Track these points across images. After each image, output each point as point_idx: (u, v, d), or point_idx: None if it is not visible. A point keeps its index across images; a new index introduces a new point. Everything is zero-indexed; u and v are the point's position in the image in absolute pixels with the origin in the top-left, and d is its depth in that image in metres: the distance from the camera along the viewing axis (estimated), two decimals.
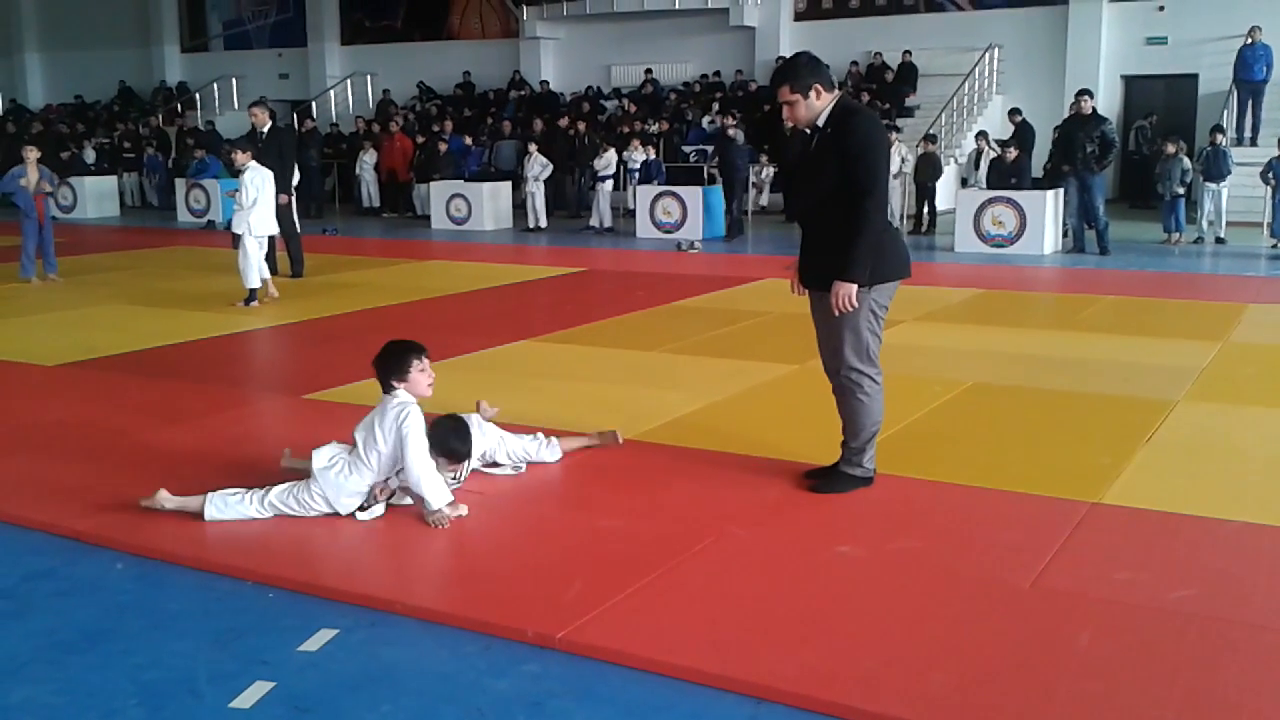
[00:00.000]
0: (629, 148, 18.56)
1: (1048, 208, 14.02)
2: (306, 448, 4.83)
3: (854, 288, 4.60)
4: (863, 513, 4.69)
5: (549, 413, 6.13)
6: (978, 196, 14.53)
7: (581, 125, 20.17)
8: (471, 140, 21.20)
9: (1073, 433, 5.83)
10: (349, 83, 27.10)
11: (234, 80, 28.09)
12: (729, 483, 5.08)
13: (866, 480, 4.93)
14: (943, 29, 21.51)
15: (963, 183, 17.37)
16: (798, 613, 3.73)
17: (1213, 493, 4.89)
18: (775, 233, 17.13)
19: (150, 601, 3.95)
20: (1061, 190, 14.27)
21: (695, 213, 16.23)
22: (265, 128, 11.70)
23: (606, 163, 17.56)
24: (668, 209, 16.48)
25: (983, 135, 17.38)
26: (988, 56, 20.66)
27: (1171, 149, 14.76)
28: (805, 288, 4.91)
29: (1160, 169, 14.89)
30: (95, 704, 3.24)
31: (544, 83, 24.57)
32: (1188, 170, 14.72)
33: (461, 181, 18.59)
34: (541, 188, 17.87)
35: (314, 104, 25.94)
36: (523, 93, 24.49)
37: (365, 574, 4.19)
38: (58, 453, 5.61)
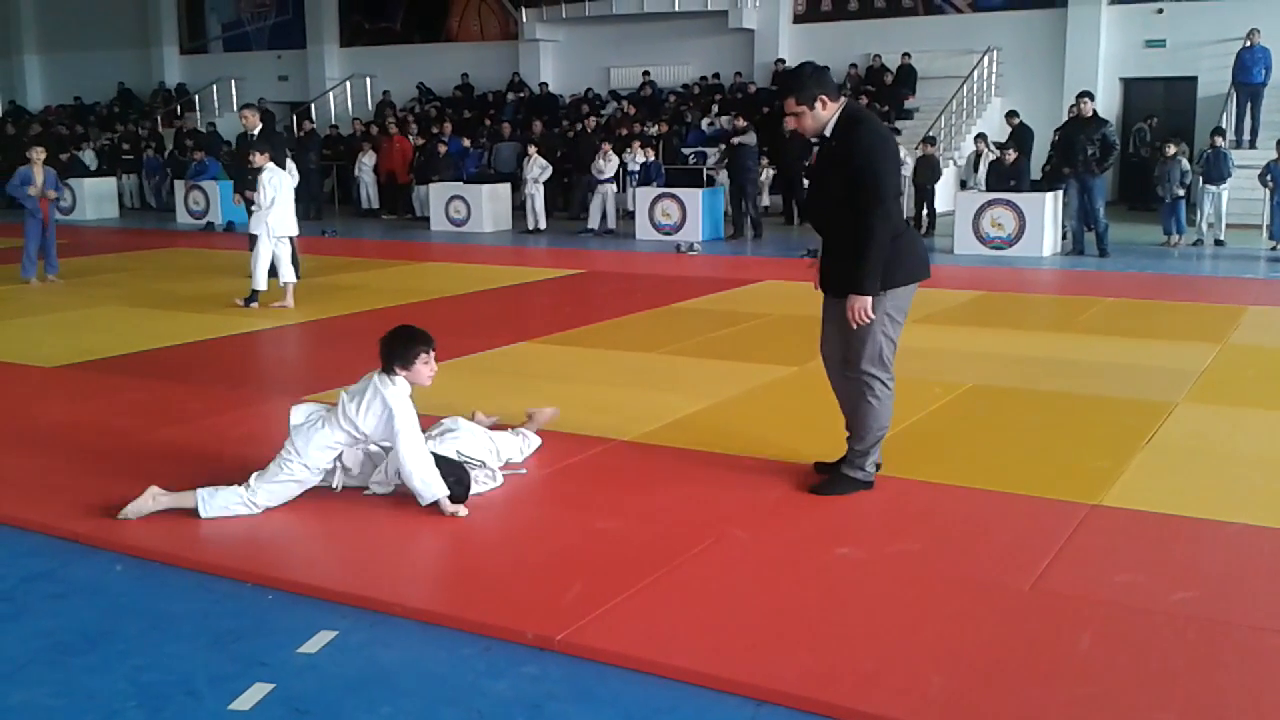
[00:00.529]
0: (629, 150, 18.56)
1: (1047, 210, 14.02)
2: None
3: (868, 301, 4.63)
4: (863, 514, 4.69)
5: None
6: (977, 199, 14.53)
7: (592, 122, 20.09)
8: (470, 142, 21.19)
9: (1072, 435, 5.82)
10: (348, 85, 27.10)
11: (233, 82, 28.08)
12: (729, 484, 5.08)
13: (867, 484, 4.93)
14: (941, 31, 21.51)
15: (962, 185, 17.37)
16: (798, 614, 3.73)
17: (1213, 495, 4.89)
18: (775, 234, 17.13)
19: (149, 603, 3.94)
20: (1060, 192, 14.27)
21: (694, 215, 16.24)
22: (255, 130, 11.68)
23: (607, 165, 17.54)
24: (667, 211, 16.48)
25: (981, 138, 17.38)
26: (986, 59, 20.67)
27: (1172, 150, 14.75)
28: (824, 290, 4.96)
29: (1160, 171, 14.89)
30: (94, 706, 3.24)
31: (543, 85, 24.57)
32: (1188, 172, 14.72)
33: (461, 183, 18.58)
34: (541, 189, 17.87)
35: (313, 106, 25.93)
36: (522, 95, 24.49)
37: (364, 576, 4.18)
38: (57, 454, 5.60)
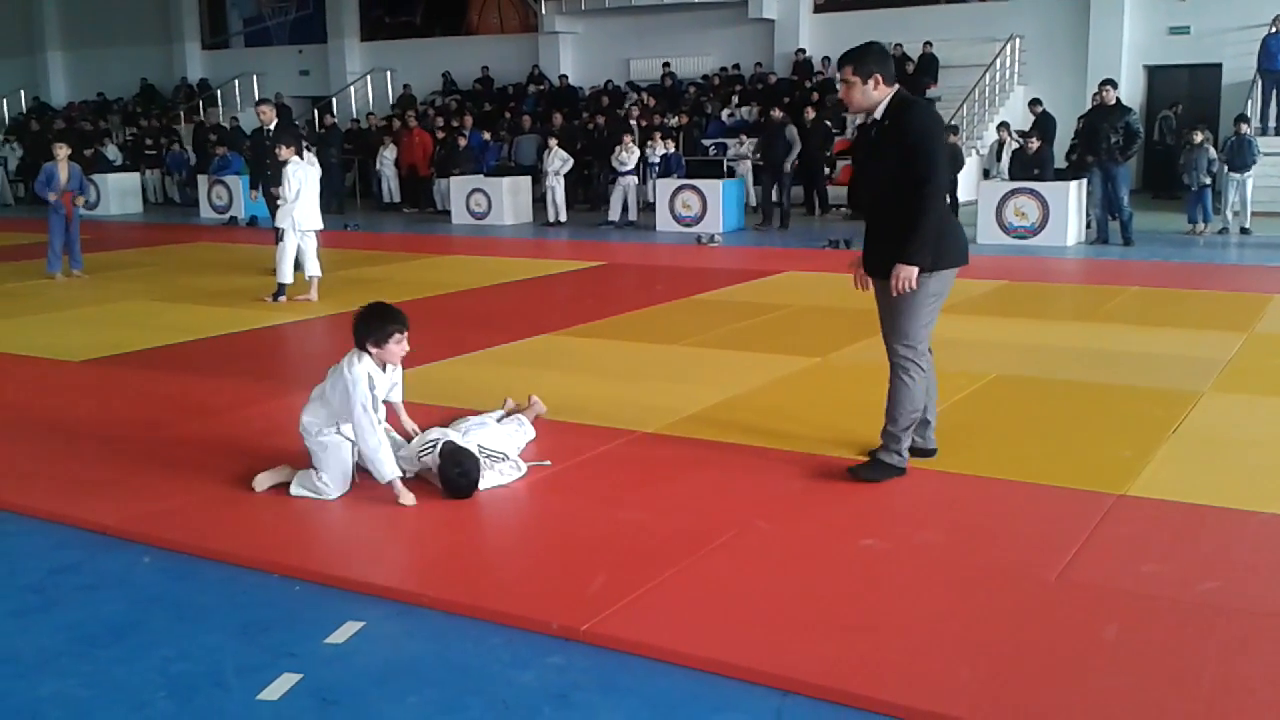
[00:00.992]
0: (649, 142, 18.54)
1: (1071, 199, 13.92)
2: None
3: (914, 271, 4.69)
4: (887, 505, 4.68)
5: (570, 406, 6.13)
6: (1000, 188, 14.45)
7: (635, 110, 19.89)
8: (491, 135, 21.20)
9: (1097, 425, 5.79)
10: (369, 79, 27.16)
11: (255, 77, 28.18)
12: (752, 476, 5.08)
13: (899, 470, 4.96)
14: (964, 20, 21.38)
15: (985, 174, 17.26)
16: (823, 605, 3.73)
17: (1239, 484, 4.85)
18: (797, 225, 17.08)
19: (177, 595, 3.98)
20: (1085, 181, 14.17)
21: (715, 206, 16.21)
22: (272, 125, 11.70)
23: (629, 157, 17.52)
24: (687, 202, 16.45)
25: (1004, 126, 17.27)
26: (1009, 47, 20.53)
27: (1199, 138, 14.62)
28: (869, 275, 5.02)
29: (1186, 159, 14.76)
30: (124, 697, 3.27)
31: (563, 77, 24.56)
32: (1214, 160, 14.59)
33: (481, 176, 18.61)
34: (561, 182, 17.89)
35: (334, 100, 26.01)
36: (542, 87, 24.49)
37: (390, 567, 4.21)
38: (84, 448, 5.65)
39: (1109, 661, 3.32)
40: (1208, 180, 14.58)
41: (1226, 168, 14.69)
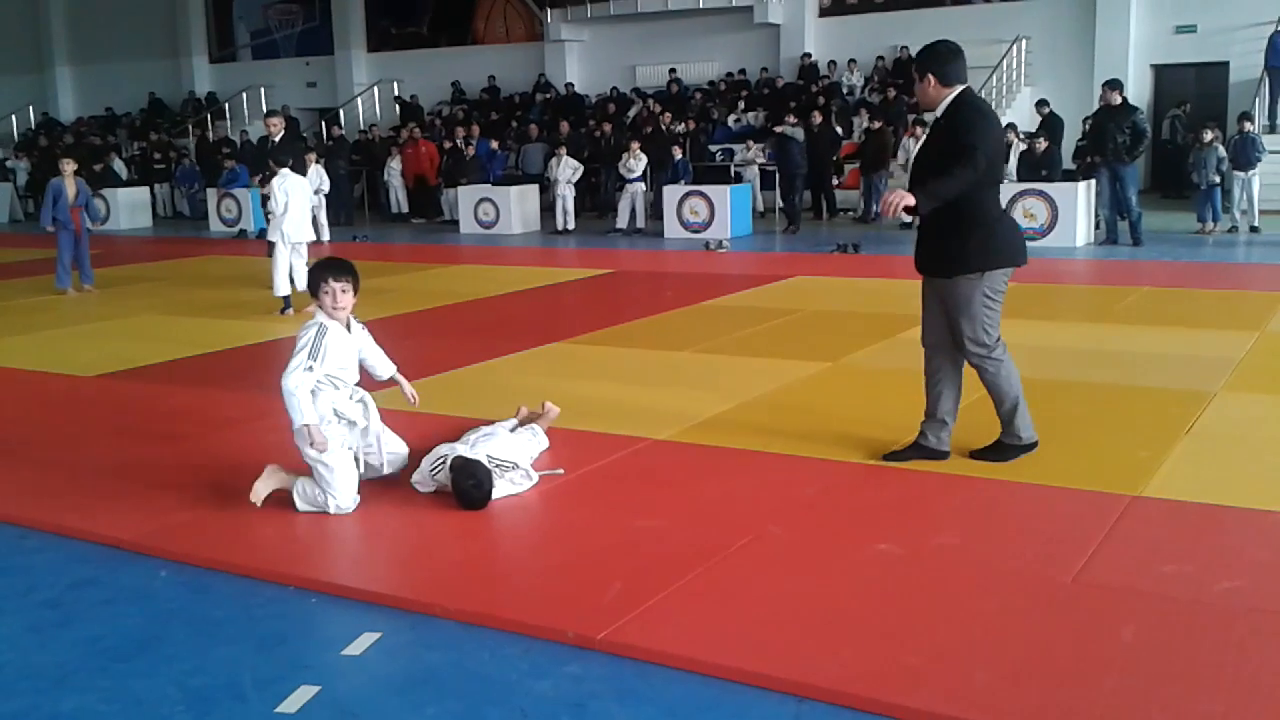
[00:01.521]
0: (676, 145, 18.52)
1: (1080, 199, 13.91)
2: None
3: (906, 201, 4.68)
4: (901, 509, 4.68)
5: (583, 414, 6.13)
6: (1008, 189, 14.41)
7: (667, 118, 19.91)
8: (498, 144, 21.27)
9: (1111, 425, 5.78)
10: (376, 89, 27.24)
11: (262, 90, 28.30)
12: (764, 481, 5.08)
13: (1028, 447, 5.15)
14: (969, 21, 21.34)
15: None
16: (839, 611, 3.72)
17: (1255, 484, 4.83)
18: (806, 229, 17.09)
19: (194, 608, 3.99)
20: (1093, 181, 14.15)
21: (723, 212, 16.22)
22: (278, 137, 11.72)
23: (636, 164, 17.54)
24: (695, 209, 16.47)
25: (1011, 127, 17.23)
26: (1015, 48, 20.51)
27: (1209, 137, 14.58)
28: (919, 272, 5.13)
29: (1195, 158, 14.72)
30: (143, 711, 3.28)
31: (569, 85, 24.62)
32: (1223, 159, 14.55)
33: (489, 185, 18.65)
34: (571, 190, 17.93)
35: (342, 111, 26.09)
36: (548, 96, 24.54)
37: (406, 577, 4.21)
38: (99, 462, 5.67)
39: (1127, 663, 3.31)
40: (1217, 179, 14.55)
41: (1230, 166, 14.64)
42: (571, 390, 6.70)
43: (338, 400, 4.84)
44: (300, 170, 10.70)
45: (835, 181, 18.89)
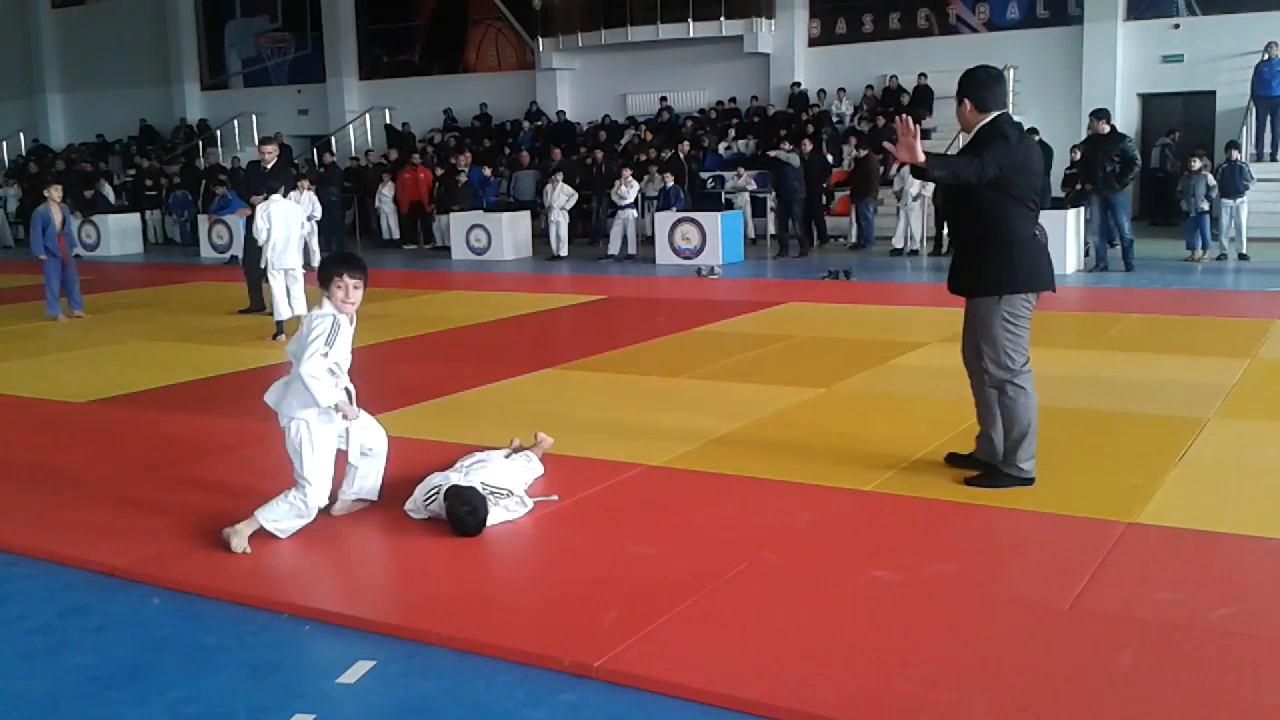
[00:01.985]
0: (646, 175, 18.62)
1: (1069, 227, 13.97)
2: (337, 477, 4.85)
3: (911, 151, 4.64)
4: (896, 536, 4.67)
5: (577, 440, 6.12)
6: None
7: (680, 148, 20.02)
8: (490, 171, 21.32)
9: (1104, 453, 5.79)
10: (368, 117, 27.30)
11: (254, 117, 28.32)
12: (760, 508, 5.07)
13: (1024, 481, 5.14)
14: (957, 51, 21.45)
15: None
16: (836, 638, 3.71)
17: (1249, 510, 4.84)
18: (796, 257, 17.13)
19: (187, 636, 3.96)
20: (1082, 209, 14.23)
21: (714, 238, 16.26)
22: (270, 164, 11.72)
23: (628, 191, 17.60)
24: (687, 235, 16.51)
25: None
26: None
27: (1198, 165, 14.69)
28: (952, 293, 5.27)
29: (1184, 185, 14.83)
30: None
31: (560, 113, 24.71)
32: (1213, 186, 14.65)
33: (481, 212, 18.69)
34: (565, 217, 18.01)
35: (333, 139, 26.14)
36: (539, 123, 24.63)
37: (400, 605, 4.19)
38: (90, 488, 5.64)
39: (1124, 690, 3.31)
40: (1205, 206, 14.64)
41: (1218, 193, 14.75)
42: (565, 416, 6.70)
43: (340, 400, 4.85)
44: (286, 195, 10.66)
45: (826, 208, 18.97)
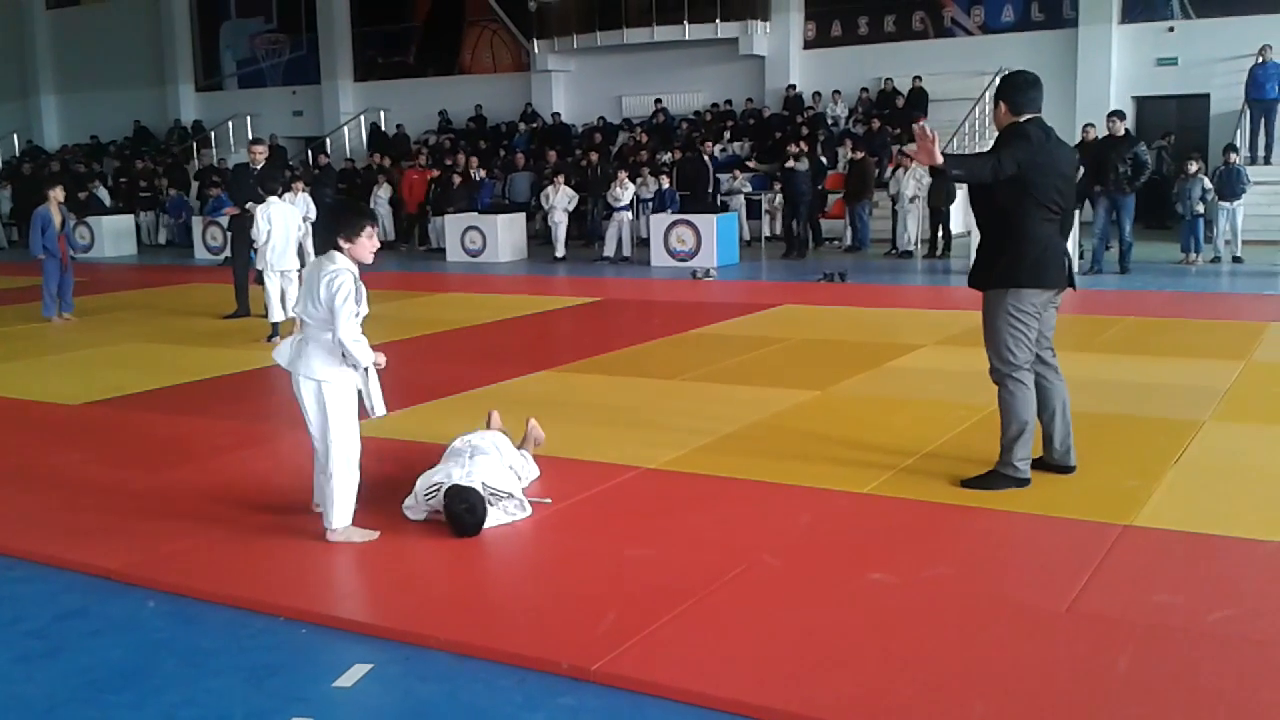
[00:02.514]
0: (640, 178, 18.62)
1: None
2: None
3: (927, 152, 4.69)
4: (894, 539, 4.67)
5: (573, 443, 6.12)
6: None
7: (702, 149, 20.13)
8: (485, 173, 21.30)
9: (1100, 455, 5.78)
10: (362, 118, 27.28)
11: (248, 118, 28.29)
12: (756, 510, 5.07)
13: (1019, 482, 5.16)
14: (952, 54, 21.55)
15: None
16: (834, 641, 3.71)
17: (1246, 513, 4.85)
18: (790, 259, 17.13)
19: (183, 639, 3.95)
20: (1078, 211, 14.22)
21: (709, 240, 16.26)
22: (259, 166, 11.68)
23: (623, 193, 17.60)
24: (682, 237, 16.50)
25: None
26: (998, 80, 20.66)
27: (1194, 168, 14.71)
28: (970, 287, 5.30)
29: (1179, 188, 14.84)
30: None
31: (555, 114, 24.71)
32: (1208, 190, 14.66)
33: (476, 214, 18.68)
34: (566, 218, 18.04)
35: (328, 140, 26.12)
36: (534, 125, 24.62)
37: (397, 608, 4.18)
38: (86, 491, 5.63)
39: (1123, 693, 3.31)
40: (1201, 209, 14.66)
41: (1215, 196, 14.77)
42: (562, 418, 6.68)
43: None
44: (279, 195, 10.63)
45: (821, 210, 18.97)
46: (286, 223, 10.42)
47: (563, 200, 17.97)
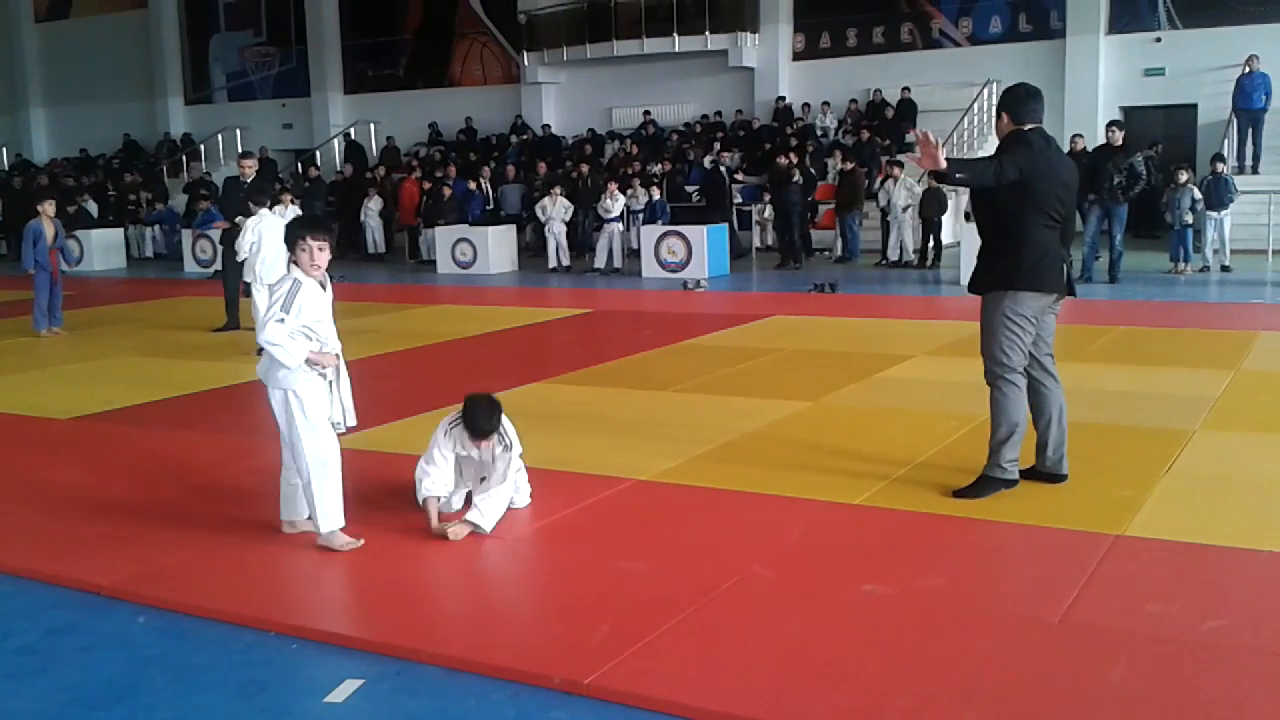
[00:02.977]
0: (630, 189, 18.65)
1: None
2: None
3: (932, 158, 4.73)
4: (886, 550, 4.67)
5: (565, 455, 6.11)
6: None
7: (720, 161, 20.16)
8: (475, 185, 21.31)
9: (1091, 465, 5.79)
10: (352, 131, 27.28)
11: (238, 131, 28.26)
12: (749, 522, 5.06)
13: (1008, 483, 5.18)
14: (940, 65, 21.64)
15: (966, 216, 17.34)
16: (828, 653, 3.71)
17: (1237, 522, 4.86)
18: (780, 270, 17.16)
19: (173, 655, 3.93)
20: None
21: (700, 251, 16.28)
22: (250, 179, 11.66)
23: (613, 204, 17.63)
24: (672, 248, 16.52)
25: None
26: (986, 91, 20.75)
27: (1183, 178, 14.77)
28: (971, 292, 5.35)
29: (1168, 199, 14.90)
30: None
31: (545, 126, 24.73)
32: (1197, 199, 14.72)
33: (466, 226, 18.69)
34: (564, 229, 18.09)
35: (318, 153, 26.10)
36: (524, 137, 24.65)
37: (389, 622, 4.16)
38: (76, 506, 5.60)
39: (1116, 703, 3.31)
40: (1189, 219, 14.72)
41: (1203, 206, 14.82)
42: (553, 430, 6.67)
43: (312, 350, 4.82)
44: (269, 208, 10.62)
45: (811, 221, 19.02)
46: (276, 236, 10.38)
47: (560, 211, 18.04)
